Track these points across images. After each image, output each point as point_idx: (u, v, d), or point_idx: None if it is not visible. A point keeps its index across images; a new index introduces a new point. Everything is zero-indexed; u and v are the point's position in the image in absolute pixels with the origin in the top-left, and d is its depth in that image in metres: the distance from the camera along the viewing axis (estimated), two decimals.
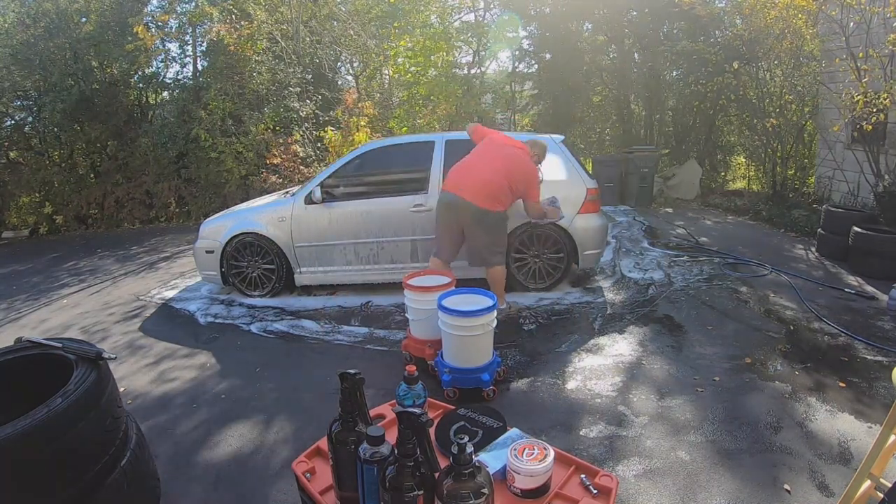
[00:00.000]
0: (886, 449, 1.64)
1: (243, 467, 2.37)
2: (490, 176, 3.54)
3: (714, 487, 2.11)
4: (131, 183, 9.49)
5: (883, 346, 3.27)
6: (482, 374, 2.74)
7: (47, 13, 8.86)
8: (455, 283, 3.14)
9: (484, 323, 2.67)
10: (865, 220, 5.02)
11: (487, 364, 2.77)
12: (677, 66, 9.78)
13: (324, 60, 10.75)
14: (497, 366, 2.89)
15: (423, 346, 3.09)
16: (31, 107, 9.46)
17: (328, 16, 11.05)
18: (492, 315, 2.71)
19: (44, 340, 1.88)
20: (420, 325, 3.11)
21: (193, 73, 9.97)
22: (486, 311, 2.65)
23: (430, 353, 3.02)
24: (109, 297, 5.07)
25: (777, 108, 7.78)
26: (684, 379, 2.97)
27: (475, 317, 2.64)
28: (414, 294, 3.06)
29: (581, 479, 1.40)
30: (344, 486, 1.34)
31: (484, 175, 3.55)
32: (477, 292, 2.86)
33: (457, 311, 2.65)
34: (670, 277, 4.69)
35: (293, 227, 4.38)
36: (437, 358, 2.92)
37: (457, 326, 2.67)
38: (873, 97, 5.13)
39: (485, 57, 11.51)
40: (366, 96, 10.70)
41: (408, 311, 3.15)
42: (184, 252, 6.68)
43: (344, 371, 1.32)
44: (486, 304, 2.69)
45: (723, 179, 10.27)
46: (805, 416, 2.57)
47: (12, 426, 1.45)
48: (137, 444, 1.88)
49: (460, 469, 1.08)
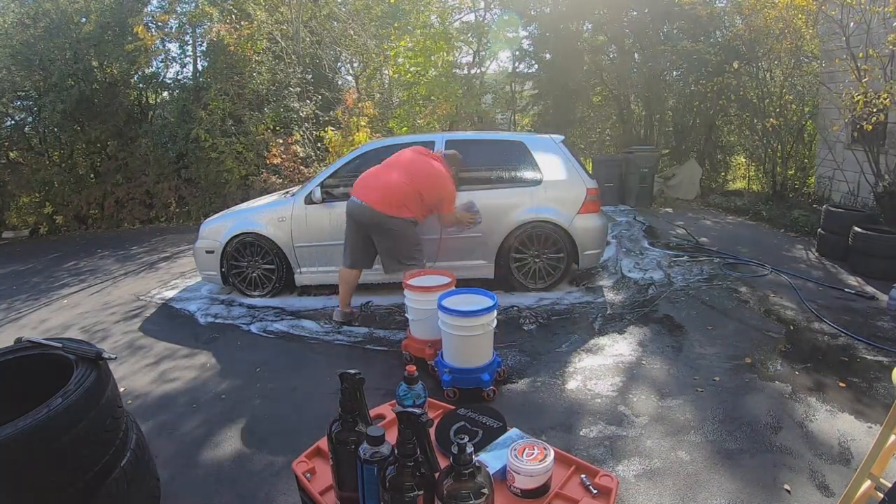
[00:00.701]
0: (886, 449, 1.64)
1: (243, 467, 2.37)
2: (394, 181, 3.52)
3: (714, 487, 2.11)
4: (131, 183, 9.50)
5: (883, 346, 3.27)
6: (482, 374, 2.74)
7: (47, 13, 8.86)
8: (455, 284, 3.14)
9: (484, 323, 2.67)
10: (865, 220, 5.02)
11: (487, 364, 2.77)
12: (677, 66, 9.77)
13: (324, 60, 10.76)
14: (497, 366, 2.89)
15: (423, 346, 3.09)
16: (31, 107, 9.47)
17: (328, 16, 11.06)
18: (492, 315, 2.71)
19: (44, 340, 1.88)
20: (420, 325, 3.11)
21: (193, 73, 9.97)
22: (486, 311, 2.65)
23: (431, 353, 3.02)
24: (109, 297, 5.07)
25: (777, 108, 7.79)
26: (684, 379, 2.97)
27: (475, 317, 2.64)
28: (414, 294, 3.06)
29: (581, 479, 1.41)
30: (344, 486, 1.34)
31: (388, 180, 3.54)
32: (477, 292, 2.86)
33: (457, 311, 2.65)
34: (670, 277, 4.69)
35: (293, 228, 4.38)
36: (437, 358, 2.92)
37: (457, 326, 2.67)
38: (873, 97, 5.12)
39: (485, 57, 11.52)
40: (366, 96, 10.70)
41: (408, 311, 3.15)
42: (184, 252, 6.68)
43: (344, 371, 1.32)
44: (487, 305, 2.69)
45: (723, 179, 10.27)
46: (805, 416, 2.57)
47: (12, 426, 1.45)
48: (137, 444, 1.88)
49: (460, 469, 1.08)
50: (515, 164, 4.39)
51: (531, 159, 4.36)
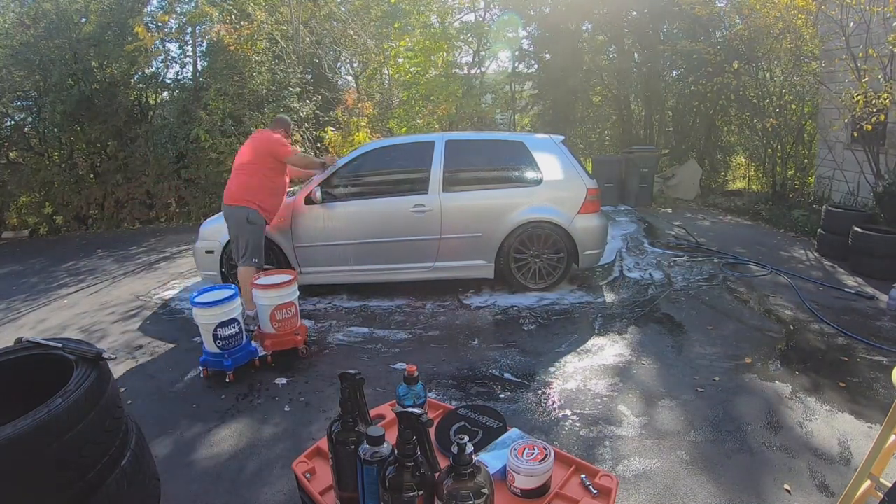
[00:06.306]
0: (886, 449, 1.64)
1: (243, 467, 2.37)
2: (235, 171, 3.85)
3: (714, 487, 2.11)
4: (131, 183, 9.48)
5: (883, 346, 3.27)
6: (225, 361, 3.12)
7: (47, 13, 8.85)
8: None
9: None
10: (865, 220, 5.02)
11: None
12: (677, 66, 9.79)
13: (324, 60, 10.74)
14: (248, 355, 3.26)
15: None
16: (31, 107, 9.45)
17: (328, 16, 11.05)
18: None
19: (44, 340, 1.88)
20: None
21: (193, 73, 9.97)
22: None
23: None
24: (109, 298, 5.07)
25: (777, 108, 7.79)
26: (684, 379, 2.97)
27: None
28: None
29: (581, 479, 1.41)
30: (344, 486, 1.34)
31: (232, 174, 3.87)
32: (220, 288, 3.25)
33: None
34: (670, 277, 4.69)
35: (293, 228, 4.38)
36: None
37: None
38: (873, 97, 5.13)
39: (485, 57, 11.51)
40: (366, 96, 10.70)
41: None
42: (183, 252, 6.68)
43: (344, 371, 1.32)
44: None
45: (723, 179, 10.28)
46: (805, 416, 2.57)
47: (12, 426, 1.45)
48: (137, 444, 1.87)
49: (460, 469, 1.08)
50: (515, 164, 4.39)
51: (531, 159, 4.36)
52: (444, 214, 4.23)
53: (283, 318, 3.29)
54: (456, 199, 4.26)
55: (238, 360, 3.16)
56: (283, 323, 3.30)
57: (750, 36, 7.66)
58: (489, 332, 3.74)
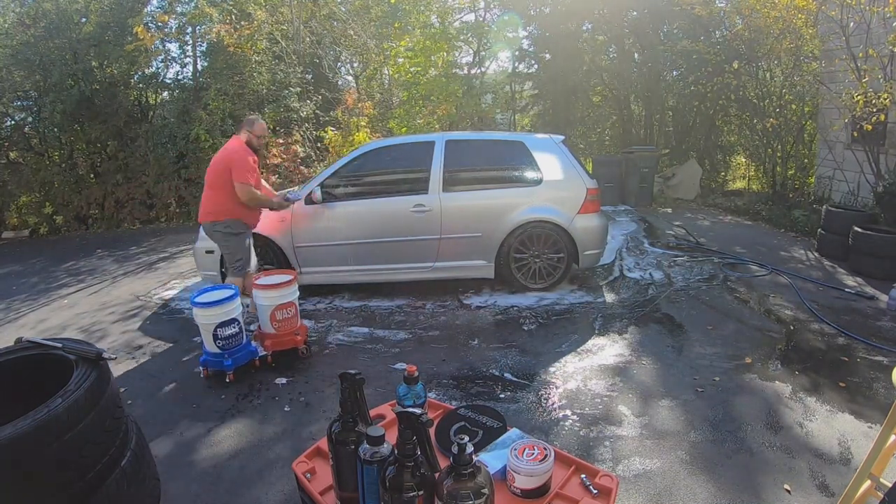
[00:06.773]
0: (886, 449, 1.64)
1: (243, 467, 2.37)
2: (206, 189, 3.70)
3: (714, 487, 2.11)
4: (131, 183, 9.49)
5: (883, 346, 3.27)
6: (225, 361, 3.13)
7: (47, 13, 8.85)
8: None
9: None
10: (865, 220, 5.02)
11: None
12: (677, 66, 9.78)
13: (324, 60, 10.74)
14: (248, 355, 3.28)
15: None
16: (32, 107, 9.46)
17: (328, 16, 11.05)
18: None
19: (44, 340, 1.88)
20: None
21: (193, 73, 9.97)
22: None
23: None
24: (109, 297, 5.07)
25: (777, 108, 7.79)
26: (684, 379, 2.97)
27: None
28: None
29: (581, 479, 1.41)
30: (344, 487, 1.34)
31: (204, 193, 3.72)
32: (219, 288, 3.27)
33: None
34: (670, 277, 4.69)
35: (294, 228, 4.38)
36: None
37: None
38: (873, 97, 5.13)
39: (485, 57, 11.52)
40: (366, 96, 10.70)
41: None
42: (183, 252, 6.68)
43: (344, 371, 1.32)
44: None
45: (723, 179, 10.28)
46: (805, 417, 2.57)
47: (12, 427, 1.45)
48: (137, 444, 1.88)
49: (460, 469, 1.08)
50: (515, 165, 4.39)
51: (531, 159, 4.36)
52: (444, 214, 4.23)
53: (283, 318, 3.29)
54: (456, 199, 4.26)
55: (238, 360, 3.16)
56: (284, 323, 3.30)
57: (750, 36, 7.66)
58: (489, 332, 3.75)
